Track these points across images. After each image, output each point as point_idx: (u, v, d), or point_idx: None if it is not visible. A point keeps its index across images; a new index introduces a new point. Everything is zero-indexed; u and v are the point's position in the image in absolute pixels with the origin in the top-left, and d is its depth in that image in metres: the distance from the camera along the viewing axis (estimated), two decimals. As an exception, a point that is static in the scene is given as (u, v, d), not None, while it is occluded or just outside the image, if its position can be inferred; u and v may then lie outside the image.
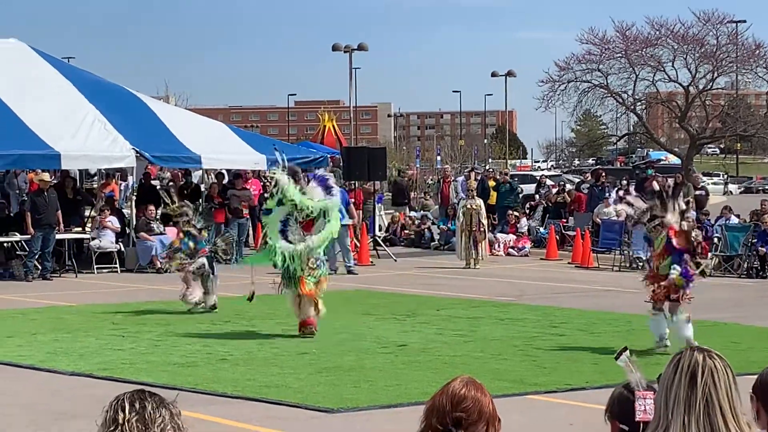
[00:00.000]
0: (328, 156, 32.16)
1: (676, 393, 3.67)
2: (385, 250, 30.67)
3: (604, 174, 34.97)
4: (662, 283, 15.46)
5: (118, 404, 3.48)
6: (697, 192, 33.15)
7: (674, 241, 15.49)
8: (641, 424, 4.05)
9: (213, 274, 19.73)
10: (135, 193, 28.71)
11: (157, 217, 27.73)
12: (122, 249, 27.13)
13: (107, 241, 27.03)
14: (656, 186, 16.58)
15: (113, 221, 27.39)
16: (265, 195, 31.15)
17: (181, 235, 19.96)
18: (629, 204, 16.93)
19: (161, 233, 27.05)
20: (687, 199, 31.46)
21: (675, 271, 15.28)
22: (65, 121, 26.74)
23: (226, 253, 20.28)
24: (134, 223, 27.60)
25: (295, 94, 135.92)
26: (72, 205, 27.79)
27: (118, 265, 26.82)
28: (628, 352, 4.32)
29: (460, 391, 3.83)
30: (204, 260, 19.70)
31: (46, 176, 26.91)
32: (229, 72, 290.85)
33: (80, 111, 27.28)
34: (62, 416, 11.85)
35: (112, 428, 3.46)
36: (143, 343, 16.12)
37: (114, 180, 30.62)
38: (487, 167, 62.36)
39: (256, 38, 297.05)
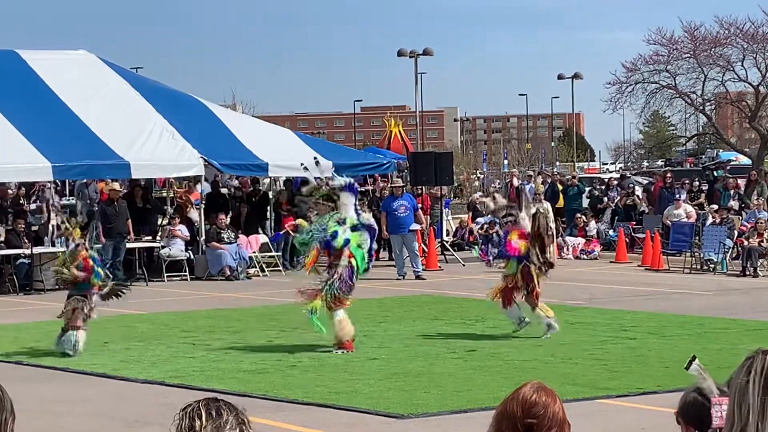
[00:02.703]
0: (395, 161, 32.19)
1: (751, 398, 3.61)
2: (453, 254, 30.63)
3: (669, 175, 34.66)
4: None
5: (194, 412, 3.48)
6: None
7: (513, 243, 17.08)
8: (717, 430, 4.01)
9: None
10: (204, 202, 28.91)
11: (227, 225, 27.95)
12: (192, 257, 27.35)
13: (177, 250, 27.25)
14: (516, 181, 18.17)
15: (183, 230, 27.61)
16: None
17: (89, 262, 16.41)
18: (494, 198, 18.37)
19: (231, 242, 27.20)
20: (760, 198, 31.13)
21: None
22: (134, 130, 27.03)
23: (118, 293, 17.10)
24: (203, 231, 27.79)
25: (361, 100, 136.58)
26: (142, 214, 28.06)
27: (187, 274, 27.03)
28: (697, 360, 4.27)
29: (531, 397, 3.81)
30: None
31: (116, 185, 27.21)
32: (295, 79, 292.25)
33: (149, 121, 27.56)
34: (135, 423, 11.96)
35: (187, 436, 3.47)
36: (214, 350, 16.22)
37: (192, 187, 30.83)
38: (554, 170, 62.07)
39: (321, 45, 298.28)
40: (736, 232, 28.38)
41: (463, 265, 29.22)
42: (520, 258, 17.07)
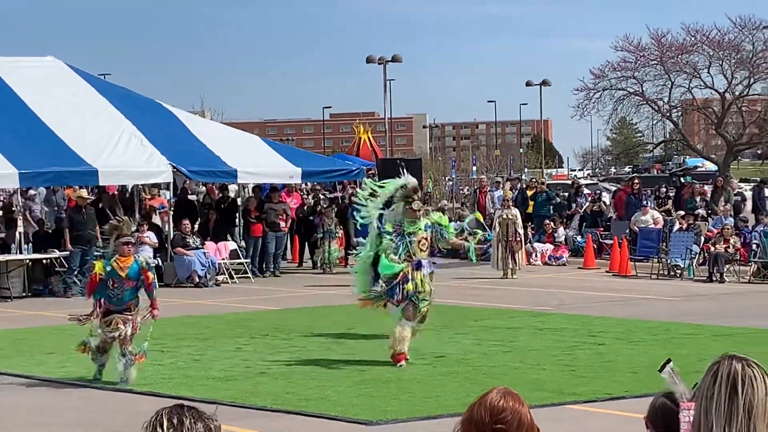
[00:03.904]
0: (364, 168, 32.19)
1: (717, 403, 3.64)
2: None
3: (637, 182, 34.83)
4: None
5: (156, 420, 3.50)
6: (734, 198, 32.99)
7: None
8: (685, 435, 4.03)
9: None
10: (172, 208, 28.82)
11: (194, 231, 27.89)
12: (160, 264, 27.23)
13: (145, 256, 27.09)
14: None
15: (151, 236, 27.50)
16: (304, 208, 31.47)
17: (150, 275, 15.04)
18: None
19: (197, 247, 27.13)
20: (727, 204, 31.42)
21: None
22: (102, 137, 26.91)
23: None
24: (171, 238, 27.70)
25: (330, 107, 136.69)
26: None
27: (156, 280, 26.88)
28: (671, 363, 4.29)
29: (499, 402, 3.81)
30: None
31: (84, 193, 27.07)
32: (263, 86, 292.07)
33: (117, 127, 27.45)
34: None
35: (151, 445, 3.48)
36: (182, 357, 16.17)
37: (158, 193, 30.75)
38: (522, 176, 62.23)
39: (290, 52, 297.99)
40: (702, 238, 28.53)
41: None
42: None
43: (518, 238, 28.13)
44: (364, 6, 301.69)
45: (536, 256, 31.53)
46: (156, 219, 28.97)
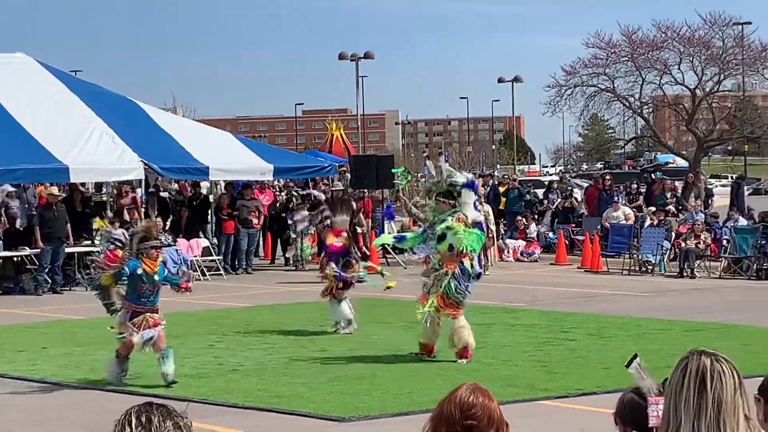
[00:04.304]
0: (336, 165, 32.17)
1: (686, 398, 3.66)
2: (394, 257, 30.66)
3: (608, 177, 34.94)
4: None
5: (125, 419, 3.49)
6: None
7: (329, 241, 18.23)
8: (654, 430, 4.05)
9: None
10: (144, 206, 28.71)
11: (166, 228, 27.78)
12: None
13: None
14: (321, 196, 19.01)
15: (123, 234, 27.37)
16: (276, 205, 31.38)
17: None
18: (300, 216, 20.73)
19: (169, 245, 27.03)
20: (697, 200, 31.56)
21: (329, 270, 18.08)
22: (73, 134, 26.79)
23: None
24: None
25: (302, 104, 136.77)
26: (81, 218, 27.79)
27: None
28: (638, 359, 4.32)
29: (468, 398, 3.82)
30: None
31: (55, 190, 26.94)
32: (236, 82, 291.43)
33: (88, 124, 27.33)
34: (70, 428, 11.85)
35: (119, 443, 3.47)
36: (155, 355, 16.09)
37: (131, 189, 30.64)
38: (494, 172, 62.33)
39: (262, 48, 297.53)
40: (673, 234, 28.65)
41: (405, 268, 29.21)
42: (342, 254, 18.05)
43: (490, 235, 28.16)
44: (336, 2, 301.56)
45: (508, 252, 31.60)
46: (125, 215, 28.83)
